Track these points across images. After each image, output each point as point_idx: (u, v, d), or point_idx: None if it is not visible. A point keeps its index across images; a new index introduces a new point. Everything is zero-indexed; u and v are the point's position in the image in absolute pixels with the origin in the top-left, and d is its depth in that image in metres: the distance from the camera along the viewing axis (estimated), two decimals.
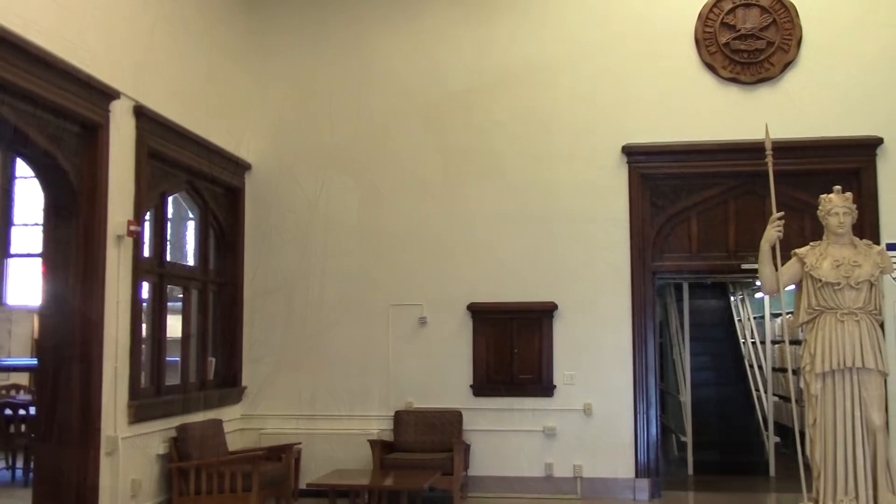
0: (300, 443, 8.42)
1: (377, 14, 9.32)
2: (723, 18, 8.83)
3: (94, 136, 6.58)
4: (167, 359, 7.87)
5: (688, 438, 10.19)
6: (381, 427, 8.79)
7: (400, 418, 8.77)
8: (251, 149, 9.25)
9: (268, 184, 9.27)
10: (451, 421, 8.68)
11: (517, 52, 9.09)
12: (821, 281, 5.90)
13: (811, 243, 6.19)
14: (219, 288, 8.93)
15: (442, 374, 8.89)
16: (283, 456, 7.97)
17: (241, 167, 9.10)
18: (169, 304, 8.01)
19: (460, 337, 8.92)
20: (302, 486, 8.20)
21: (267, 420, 8.97)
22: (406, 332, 8.99)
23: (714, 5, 8.87)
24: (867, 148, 8.54)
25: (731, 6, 8.85)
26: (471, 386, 8.86)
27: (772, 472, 9.97)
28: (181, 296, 8.36)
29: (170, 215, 8.22)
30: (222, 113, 8.80)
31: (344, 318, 9.05)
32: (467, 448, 8.60)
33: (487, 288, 8.90)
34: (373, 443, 8.38)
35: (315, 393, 8.99)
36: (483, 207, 9.00)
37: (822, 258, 5.98)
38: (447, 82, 9.16)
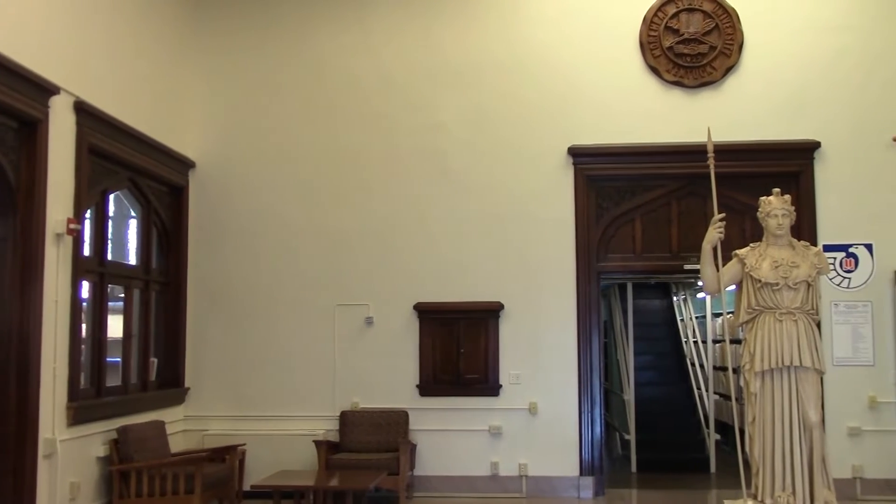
0: (244, 444, 8.33)
1: (324, 13, 9.27)
2: (667, 22, 8.96)
3: (32, 131, 6.43)
4: (108, 359, 7.71)
5: (631, 437, 10.32)
6: (326, 427, 8.74)
7: (346, 418, 8.73)
8: (195, 146, 9.13)
9: (212, 182, 9.15)
10: (397, 421, 8.67)
11: (464, 52, 9.12)
12: (760, 281, 6.03)
13: (751, 244, 6.32)
14: (161, 287, 8.79)
15: (388, 373, 8.88)
16: (227, 457, 7.89)
17: (184, 165, 8.97)
18: (110, 303, 7.86)
19: (406, 337, 8.92)
20: (246, 487, 8.10)
21: (210, 421, 8.85)
22: (352, 331, 8.96)
23: (658, 9, 9.00)
24: (805, 151, 8.75)
25: (675, 10, 8.99)
26: (417, 386, 8.87)
27: (712, 468, 10.15)
28: (122, 295, 8.21)
29: (111, 213, 8.07)
30: (166, 110, 8.68)
31: (289, 318, 8.98)
32: (413, 448, 8.59)
33: (434, 288, 8.91)
34: (318, 443, 8.33)
35: (260, 393, 8.91)
36: (430, 207, 9.01)
37: (762, 259, 6.11)
38: (394, 82, 9.16)
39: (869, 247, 8.64)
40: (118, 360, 8.08)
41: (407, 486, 8.30)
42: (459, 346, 8.86)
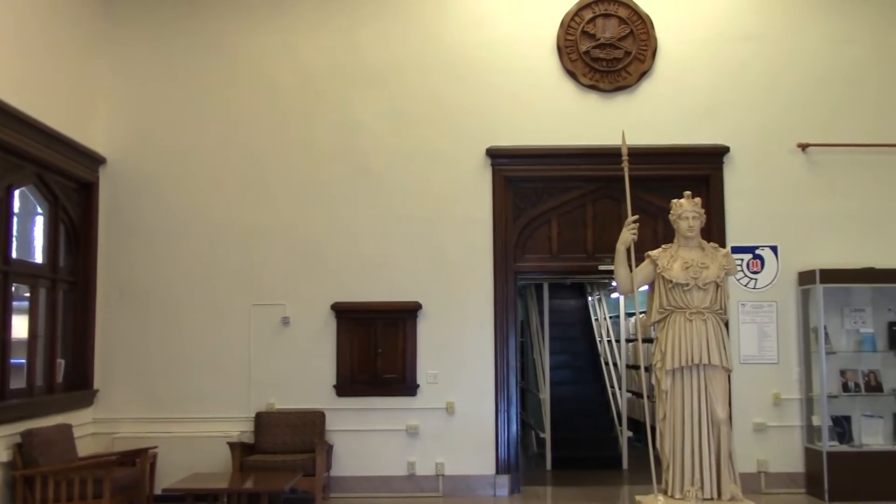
0: (156, 447, 8.14)
1: (241, 7, 9.13)
2: (584, 27, 9.10)
3: None
4: (11, 361, 7.43)
5: (547, 435, 10.46)
6: (241, 429, 8.61)
7: (261, 420, 8.62)
8: (106, 142, 8.89)
9: (124, 178, 8.92)
10: (313, 421, 8.60)
11: (385, 52, 9.10)
12: (672, 282, 6.18)
13: (663, 246, 6.48)
14: (70, 286, 8.52)
15: (305, 374, 8.80)
16: (138, 460, 7.70)
17: (94, 161, 8.72)
18: (14, 303, 7.57)
19: (324, 337, 8.86)
20: (157, 491, 7.92)
21: (121, 424, 8.63)
22: (268, 331, 8.85)
23: (575, 14, 9.14)
24: (715, 156, 9.00)
25: (591, 15, 9.14)
26: (334, 386, 8.81)
27: (625, 465, 10.36)
28: (28, 295, 7.93)
29: (16, 210, 7.78)
30: (75, 104, 8.42)
31: (204, 318, 8.82)
32: (330, 448, 8.54)
33: (352, 287, 8.87)
34: (232, 445, 8.20)
35: (172, 395, 8.72)
36: (348, 206, 8.97)
37: (673, 260, 6.26)
38: (313, 79, 9.08)
39: (774, 249, 8.94)
40: (23, 361, 7.80)
41: (323, 486, 8.25)
42: (377, 346, 8.84)
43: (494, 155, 9.00)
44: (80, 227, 8.62)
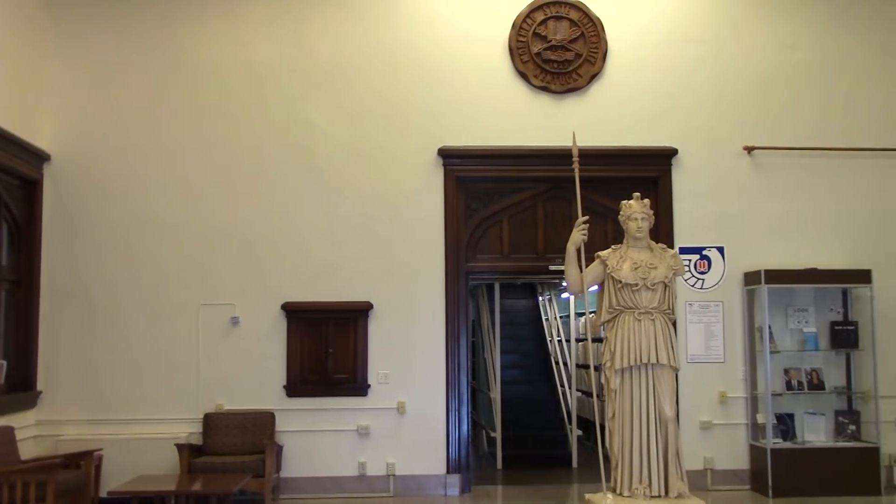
0: (101, 449, 8.01)
1: (190, 5, 9.01)
2: (535, 29, 9.16)
3: None
4: None
5: (497, 434, 10.50)
6: (189, 430, 8.50)
7: (210, 421, 8.52)
8: (51, 139, 8.71)
9: (69, 176, 8.74)
10: (263, 422, 8.53)
11: (336, 50, 9.06)
12: (621, 282, 6.24)
13: (613, 246, 6.53)
14: (11, 286, 8.33)
15: (254, 374, 8.71)
16: (82, 463, 7.56)
17: (38, 158, 8.53)
18: None
19: (274, 337, 8.78)
20: (103, 494, 7.80)
21: (65, 426, 8.46)
22: (217, 332, 8.75)
23: (527, 16, 9.19)
24: (664, 158, 9.13)
25: (543, 17, 9.20)
26: (284, 387, 8.74)
27: (574, 463, 10.46)
28: None
29: None
30: (18, 99, 8.23)
31: (151, 318, 8.69)
32: (279, 449, 8.47)
33: (302, 287, 8.81)
34: (180, 447, 8.09)
35: (118, 396, 8.58)
36: (299, 205, 8.91)
37: (623, 261, 6.32)
38: (263, 77, 9.00)
39: (721, 250, 9.09)
40: None
41: (273, 488, 8.18)
42: (328, 346, 8.79)
43: (446, 155, 9.01)
44: (23, 225, 8.42)
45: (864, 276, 8.79)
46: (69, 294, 8.64)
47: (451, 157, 9.02)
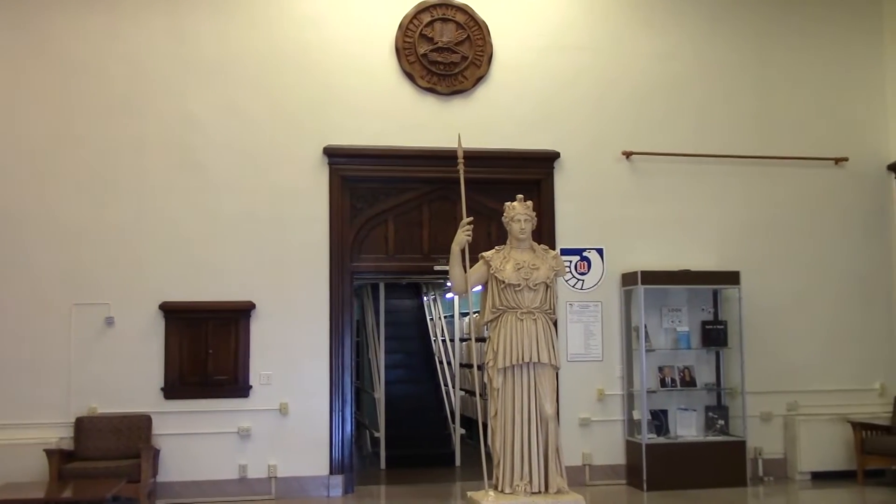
0: None
1: None
2: (422, 30, 9.20)
3: None
4: None
5: (381, 434, 10.49)
6: (60, 435, 8.16)
7: (82, 425, 8.20)
8: None
9: None
10: (139, 426, 8.27)
11: (220, 45, 8.87)
12: (504, 283, 6.33)
13: (496, 247, 6.62)
14: None
15: (130, 376, 8.44)
16: None
17: None
18: None
19: (151, 337, 8.53)
20: None
21: None
22: (91, 332, 8.43)
23: (414, 17, 9.21)
24: (547, 161, 9.31)
25: (429, 19, 9.24)
26: (162, 389, 8.50)
27: (458, 462, 10.55)
28: None
29: None
30: None
31: (18, 318, 8.31)
32: (156, 453, 8.23)
33: (182, 286, 8.59)
34: (50, 452, 7.76)
35: None
36: (179, 202, 8.67)
37: (506, 261, 6.42)
38: (143, 70, 8.73)
39: (600, 251, 9.35)
40: None
41: (149, 493, 7.94)
42: (208, 347, 8.59)
43: (332, 154, 8.94)
44: None
45: (732, 278, 9.19)
46: None
47: (336, 157, 8.96)
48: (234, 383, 8.63)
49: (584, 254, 9.31)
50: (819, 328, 9.60)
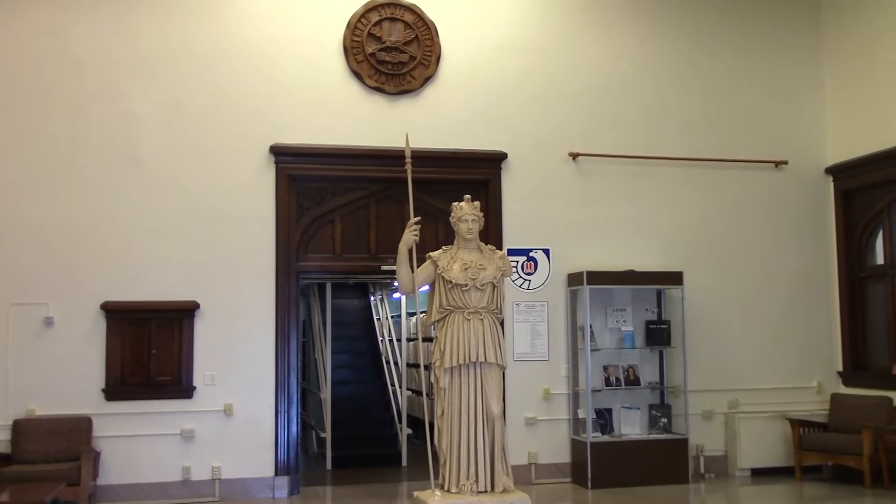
0: None
1: None
2: (370, 29, 9.17)
3: None
4: None
5: (327, 434, 10.44)
6: None
7: (19, 427, 8.01)
8: None
9: None
10: (79, 428, 8.11)
11: (163, 41, 8.73)
12: (451, 282, 6.34)
13: (444, 247, 6.62)
14: None
15: (70, 378, 8.26)
16: None
17: None
18: None
19: (92, 338, 8.37)
20: None
21: None
22: (28, 333, 8.25)
23: (362, 16, 9.18)
24: (494, 161, 9.36)
25: (378, 18, 9.22)
26: (103, 390, 8.34)
27: (404, 461, 10.54)
28: None
29: None
30: None
31: None
32: (97, 456, 8.08)
33: (124, 286, 8.44)
34: None
35: None
36: (121, 201, 8.52)
37: (453, 261, 6.43)
38: (82, 66, 8.56)
39: (546, 252, 9.42)
40: None
41: (89, 496, 7.80)
42: (151, 347, 8.46)
43: (278, 153, 8.87)
44: None
45: (676, 278, 9.34)
46: None
47: (283, 155, 8.89)
48: (177, 384, 8.51)
49: (531, 254, 9.37)
50: (759, 327, 9.80)
